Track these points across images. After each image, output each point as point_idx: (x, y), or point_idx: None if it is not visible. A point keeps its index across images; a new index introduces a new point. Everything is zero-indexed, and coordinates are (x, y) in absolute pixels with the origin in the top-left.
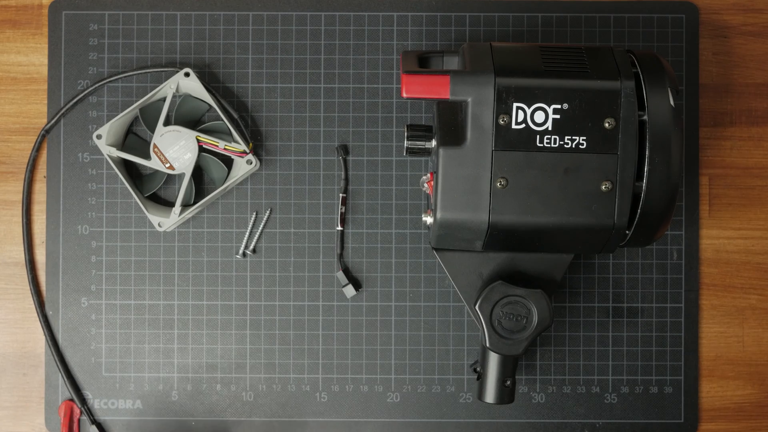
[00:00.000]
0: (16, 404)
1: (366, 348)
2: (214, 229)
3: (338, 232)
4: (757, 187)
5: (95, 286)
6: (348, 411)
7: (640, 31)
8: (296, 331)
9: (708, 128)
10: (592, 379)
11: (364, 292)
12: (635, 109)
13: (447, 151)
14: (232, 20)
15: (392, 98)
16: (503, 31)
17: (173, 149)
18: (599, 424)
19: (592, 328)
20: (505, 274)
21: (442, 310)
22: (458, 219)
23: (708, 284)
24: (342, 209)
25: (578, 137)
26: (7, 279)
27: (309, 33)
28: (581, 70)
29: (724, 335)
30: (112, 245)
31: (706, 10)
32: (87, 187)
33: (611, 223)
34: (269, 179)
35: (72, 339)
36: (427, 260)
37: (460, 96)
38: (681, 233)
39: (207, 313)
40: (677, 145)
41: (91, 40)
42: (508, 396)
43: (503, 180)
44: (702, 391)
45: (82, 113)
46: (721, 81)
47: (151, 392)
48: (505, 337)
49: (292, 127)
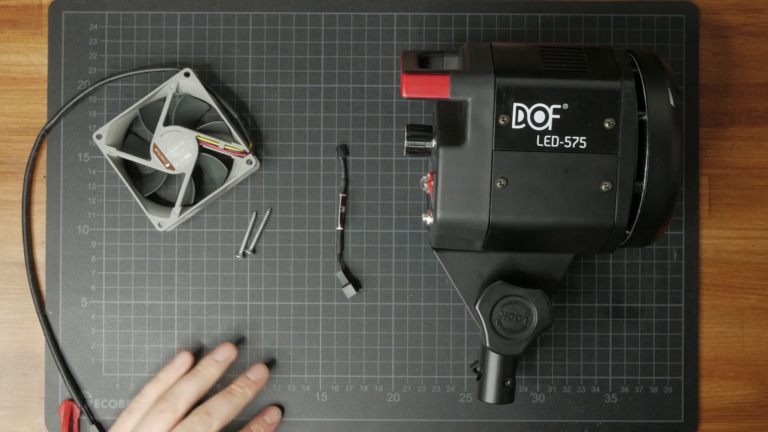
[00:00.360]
0: (16, 404)
1: (366, 348)
2: (214, 229)
3: (338, 232)
4: (757, 187)
5: (95, 286)
6: (348, 411)
7: (640, 31)
8: (296, 331)
9: (708, 128)
10: (592, 379)
11: (364, 292)
12: (635, 109)
13: (447, 151)
14: (232, 20)
15: (392, 98)
16: (503, 31)
17: (173, 149)
18: (599, 424)
19: (592, 328)
20: (505, 274)
21: (442, 310)
22: (458, 219)
23: (708, 284)
24: (342, 209)
25: (578, 137)
26: (7, 279)
27: (309, 33)
28: (581, 70)
29: (724, 335)
30: (112, 245)
31: (706, 10)
32: (87, 187)
33: (611, 223)
34: (269, 179)
35: (72, 339)
36: (427, 260)
37: (460, 96)
38: (681, 233)
39: (207, 313)
40: (677, 145)
41: (91, 40)
42: (508, 396)
43: (503, 180)
44: (702, 391)
45: (82, 113)
46: (721, 81)
47: None
48: (505, 337)
49: (292, 127)
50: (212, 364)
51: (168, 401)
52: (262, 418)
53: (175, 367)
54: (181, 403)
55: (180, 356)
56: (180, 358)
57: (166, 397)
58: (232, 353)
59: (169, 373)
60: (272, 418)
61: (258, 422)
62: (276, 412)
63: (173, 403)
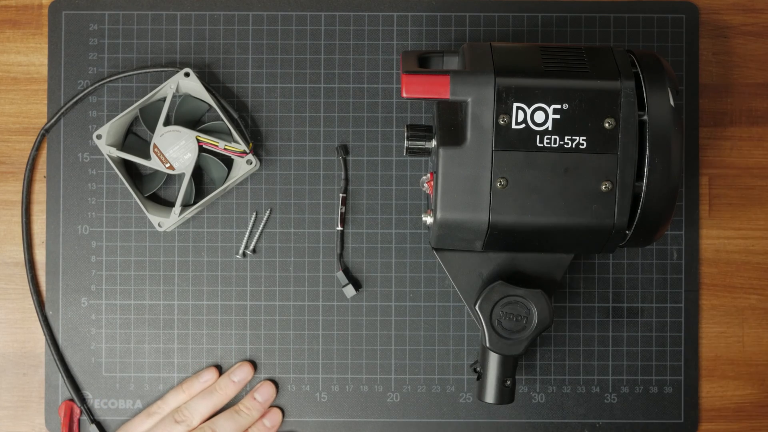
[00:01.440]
0: (16, 404)
1: (366, 348)
2: (214, 229)
3: (338, 232)
4: (757, 187)
5: (95, 286)
6: (348, 411)
7: (640, 31)
8: (296, 331)
9: (708, 128)
10: (592, 379)
11: (364, 292)
12: (635, 109)
13: (447, 151)
14: (232, 20)
15: (392, 98)
16: (503, 31)
17: (173, 149)
18: (599, 424)
19: (592, 328)
20: (505, 274)
21: (442, 310)
22: (458, 219)
23: (708, 284)
24: (342, 209)
25: (578, 137)
26: (7, 279)
27: (309, 33)
28: (581, 70)
29: (724, 335)
30: (112, 245)
31: (706, 10)
32: (87, 187)
33: (611, 223)
34: (269, 179)
35: (72, 339)
36: (427, 260)
37: (460, 96)
38: (681, 233)
39: (207, 313)
40: (677, 145)
41: (91, 40)
42: (508, 396)
43: (503, 180)
44: (702, 391)
45: (82, 113)
46: (721, 81)
47: (151, 392)
48: (505, 337)
49: (292, 127)
50: (229, 385)
51: (185, 414)
52: (261, 422)
53: (200, 381)
54: (197, 418)
55: (206, 371)
56: (206, 373)
57: (182, 410)
58: (249, 374)
59: (193, 386)
60: (272, 421)
61: (258, 427)
62: (276, 415)
63: (189, 416)
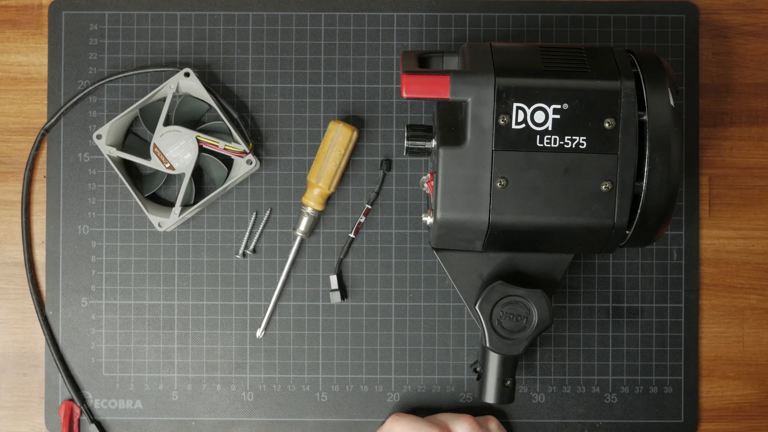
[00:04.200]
0: (16, 404)
1: (366, 348)
2: (214, 229)
3: (349, 239)
4: (757, 187)
5: (95, 286)
6: (348, 411)
7: (640, 31)
8: (296, 331)
9: (708, 128)
10: (592, 379)
11: (363, 292)
12: (635, 109)
13: (447, 151)
14: (232, 20)
15: (392, 98)
16: (503, 31)
17: (173, 149)
18: (599, 424)
19: (592, 328)
20: (505, 274)
21: (442, 310)
22: (458, 219)
23: (708, 284)
24: (362, 219)
25: (578, 137)
26: (7, 279)
27: (309, 33)
28: (581, 70)
29: (724, 335)
30: (112, 245)
31: (706, 10)
32: (87, 187)
33: (611, 223)
34: (269, 179)
35: (72, 339)
36: (427, 260)
37: (460, 96)
38: (681, 233)
39: (207, 313)
40: (677, 145)
41: (91, 40)
42: (508, 396)
43: (503, 180)
44: (702, 391)
45: (82, 113)
46: (721, 81)
47: (151, 392)
48: (505, 337)
49: (292, 127)
50: None
51: None
52: None
53: None
54: None
55: None
56: None
57: None
58: None
59: None
60: None
61: None
62: None
63: None
